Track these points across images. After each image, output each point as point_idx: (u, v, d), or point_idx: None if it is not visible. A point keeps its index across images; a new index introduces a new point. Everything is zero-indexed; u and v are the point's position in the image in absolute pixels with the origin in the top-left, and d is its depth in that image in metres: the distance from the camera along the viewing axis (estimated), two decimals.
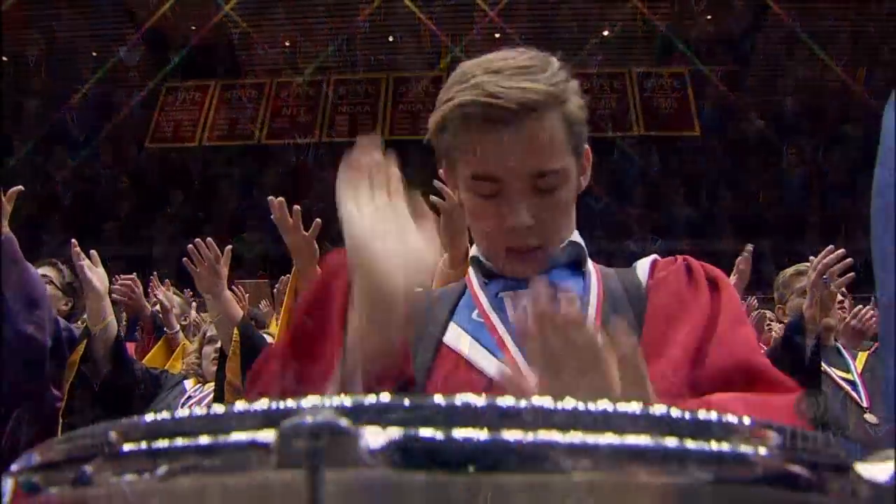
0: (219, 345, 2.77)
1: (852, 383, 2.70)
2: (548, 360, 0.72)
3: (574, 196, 1.01)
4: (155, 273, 4.46)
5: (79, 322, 4.33)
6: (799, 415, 0.79)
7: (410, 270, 0.79)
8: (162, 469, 0.31)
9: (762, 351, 0.95)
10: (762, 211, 11.93)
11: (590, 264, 1.05)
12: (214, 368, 2.73)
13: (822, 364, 2.69)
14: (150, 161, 13.23)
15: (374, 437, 0.28)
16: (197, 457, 0.31)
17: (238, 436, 0.30)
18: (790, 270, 3.05)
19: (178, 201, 13.04)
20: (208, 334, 2.87)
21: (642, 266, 1.04)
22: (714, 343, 0.88)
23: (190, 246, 2.35)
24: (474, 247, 1.06)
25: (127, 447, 0.33)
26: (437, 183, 1.60)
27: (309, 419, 0.28)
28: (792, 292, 2.95)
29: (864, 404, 2.63)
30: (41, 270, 2.90)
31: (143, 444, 0.32)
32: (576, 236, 1.03)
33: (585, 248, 1.04)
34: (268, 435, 0.29)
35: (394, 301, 0.77)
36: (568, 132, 0.93)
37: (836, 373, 2.71)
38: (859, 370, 2.76)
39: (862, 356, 2.85)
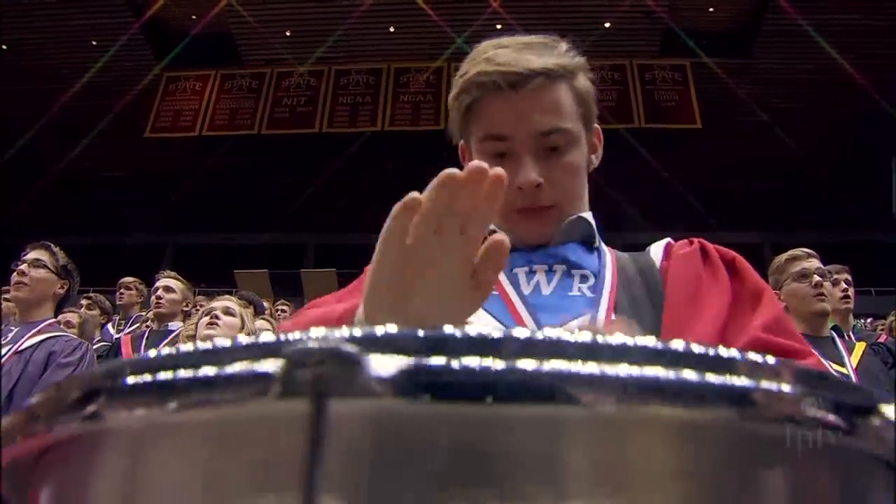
0: (217, 312, 2.81)
1: (846, 377, 2.66)
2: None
3: (585, 166, 1.02)
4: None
5: (79, 305, 4.33)
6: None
7: None
8: (169, 403, 0.30)
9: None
10: None
11: (603, 245, 1.05)
12: (208, 332, 2.77)
13: (817, 355, 2.67)
14: (150, 151, 13.22)
15: (383, 364, 0.27)
16: (200, 390, 0.30)
17: (241, 366, 0.29)
18: (784, 256, 2.99)
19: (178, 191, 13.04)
20: (209, 306, 2.89)
21: (656, 248, 1.05)
22: (740, 333, 0.87)
23: None
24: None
25: (131, 381, 0.31)
26: None
27: (314, 345, 0.27)
28: (787, 277, 2.90)
29: None
30: (34, 254, 2.89)
31: (148, 378, 0.31)
32: (588, 215, 1.04)
33: (595, 228, 1.04)
34: (272, 364, 0.28)
35: None
36: (576, 101, 0.98)
37: (831, 365, 2.67)
38: (854, 364, 2.73)
39: (858, 347, 2.83)
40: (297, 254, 15.86)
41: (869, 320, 7.65)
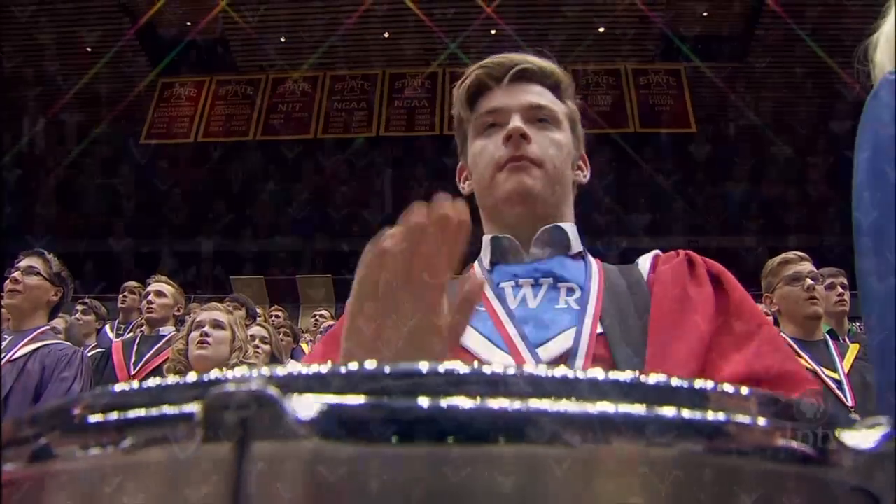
0: (206, 328, 2.79)
1: (838, 382, 2.64)
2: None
3: (570, 159, 1.06)
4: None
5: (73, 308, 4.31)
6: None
7: None
8: (94, 447, 0.30)
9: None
10: None
11: (590, 257, 1.06)
12: (199, 352, 2.75)
13: (810, 361, 2.66)
14: (145, 157, 13.21)
15: (305, 406, 0.26)
16: (126, 431, 0.29)
17: (166, 409, 0.28)
18: (777, 259, 2.96)
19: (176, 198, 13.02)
20: (197, 319, 2.87)
21: (644, 261, 1.05)
22: (728, 350, 0.87)
23: None
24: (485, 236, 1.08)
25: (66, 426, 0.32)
26: None
27: (235, 389, 0.26)
28: (780, 280, 2.88)
29: (850, 404, 2.57)
30: (27, 261, 2.87)
31: (95, 418, 0.31)
32: (567, 225, 1.05)
33: (576, 238, 1.06)
34: (195, 407, 0.27)
35: None
36: (563, 105, 1.07)
37: (823, 371, 2.67)
38: (846, 369, 2.71)
39: (851, 351, 2.81)
40: (293, 259, 15.83)
41: None
